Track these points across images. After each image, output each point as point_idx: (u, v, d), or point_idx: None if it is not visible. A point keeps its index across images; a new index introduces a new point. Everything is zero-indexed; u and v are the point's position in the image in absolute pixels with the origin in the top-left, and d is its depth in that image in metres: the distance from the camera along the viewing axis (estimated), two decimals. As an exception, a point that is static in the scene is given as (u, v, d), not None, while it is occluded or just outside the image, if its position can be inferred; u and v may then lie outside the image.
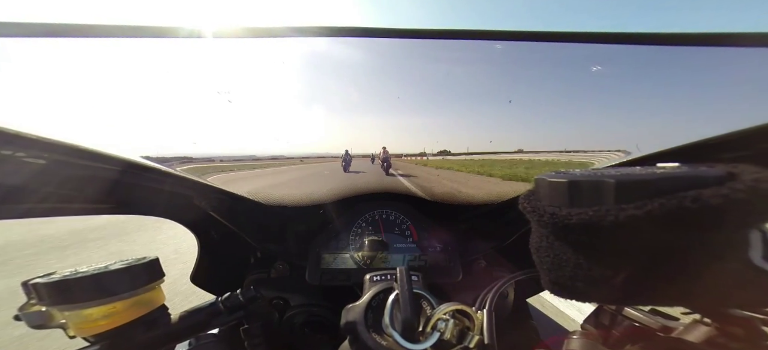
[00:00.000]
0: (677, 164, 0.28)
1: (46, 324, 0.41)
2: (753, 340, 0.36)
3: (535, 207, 0.31)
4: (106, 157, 0.49)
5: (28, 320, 0.41)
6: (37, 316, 0.41)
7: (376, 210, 0.82)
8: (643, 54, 0.49)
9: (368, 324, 0.42)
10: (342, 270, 0.75)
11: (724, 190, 0.22)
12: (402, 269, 0.44)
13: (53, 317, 0.40)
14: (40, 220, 0.63)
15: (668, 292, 0.26)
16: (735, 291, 0.25)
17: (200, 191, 0.67)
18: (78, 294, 0.39)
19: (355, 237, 0.79)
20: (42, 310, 0.41)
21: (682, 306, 0.35)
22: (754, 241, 0.24)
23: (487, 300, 0.45)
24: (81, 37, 0.41)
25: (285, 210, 0.78)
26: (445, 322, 0.39)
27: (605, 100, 0.57)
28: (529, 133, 0.63)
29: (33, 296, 0.40)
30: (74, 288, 0.39)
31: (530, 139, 0.64)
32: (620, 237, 0.25)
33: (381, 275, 0.49)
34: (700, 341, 0.38)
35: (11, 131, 0.38)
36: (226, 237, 0.77)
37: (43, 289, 0.39)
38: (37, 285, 0.39)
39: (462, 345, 0.39)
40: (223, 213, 0.73)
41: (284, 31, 0.47)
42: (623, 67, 0.52)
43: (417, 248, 0.78)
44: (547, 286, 0.33)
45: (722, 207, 0.22)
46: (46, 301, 0.40)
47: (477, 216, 0.80)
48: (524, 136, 0.64)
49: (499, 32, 0.47)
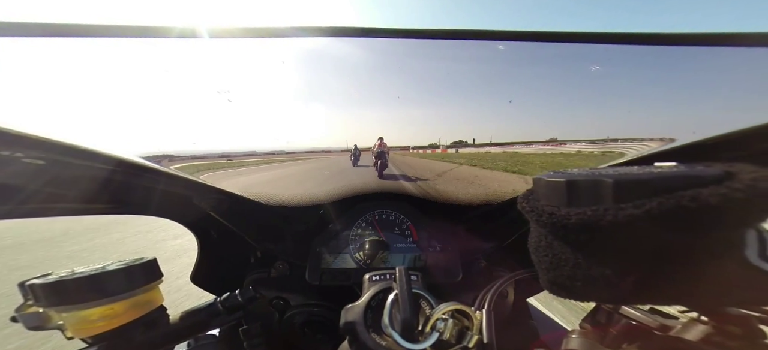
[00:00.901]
0: (675, 164, 0.28)
1: (43, 326, 0.41)
2: (750, 339, 0.36)
3: (534, 206, 0.31)
4: (105, 157, 0.49)
5: (25, 321, 0.41)
6: (35, 318, 0.41)
7: (376, 210, 0.82)
8: (643, 54, 0.49)
9: (367, 324, 0.42)
10: (342, 270, 0.75)
11: (722, 189, 0.22)
12: (401, 269, 0.44)
13: (51, 318, 0.40)
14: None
15: (667, 291, 0.26)
16: (733, 290, 0.25)
17: (200, 191, 0.67)
18: (75, 295, 0.39)
19: (355, 236, 0.79)
20: (39, 312, 0.40)
21: (680, 305, 0.36)
22: (751, 240, 0.24)
23: (486, 299, 0.45)
24: (81, 37, 0.41)
25: (285, 210, 0.78)
26: (444, 322, 0.39)
27: (605, 100, 0.57)
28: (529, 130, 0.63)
29: (30, 297, 0.40)
30: (72, 289, 0.39)
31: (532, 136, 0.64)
32: (619, 236, 0.25)
33: (380, 275, 0.49)
34: (698, 339, 0.38)
35: (11, 131, 0.38)
36: (225, 237, 0.77)
37: (40, 290, 0.39)
38: (33, 287, 0.39)
39: (461, 345, 0.39)
40: (223, 213, 0.73)
41: (284, 31, 0.47)
42: (623, 67, 0.52)
43: (417, 248, 0.78)
44: (545, 286, 0.33)
45: (720, 207, 0.22)
46: (43, 302, 0.39)
47: (477, 216, 0.80)
48: (528, 132, 0.63)
49: (499, 32, 0.47)
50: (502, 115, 0.61)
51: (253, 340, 0.55)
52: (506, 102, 0.58)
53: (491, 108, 0.61)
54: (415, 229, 0.80)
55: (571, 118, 0.61)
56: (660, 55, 0.49)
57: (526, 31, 0.47)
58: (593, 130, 0.61)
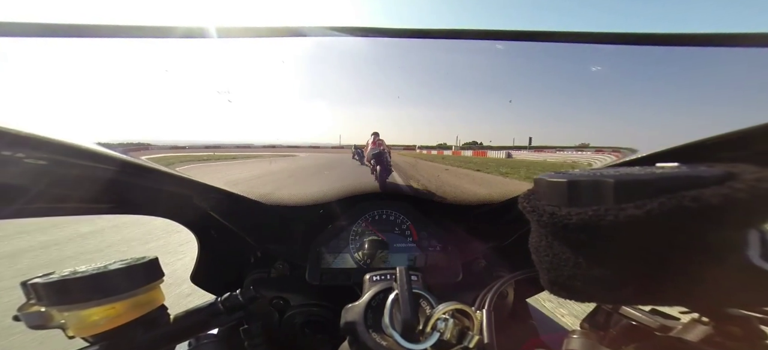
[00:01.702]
0: (676, 164, 0.28)
1: (45, 325, 0.41)
2: (751, 340, 0.36)
3: (535, 206, 0.31)
4: (106, 157, 0.49)
5: (27, 320, 0.41)
6: (36, 317, 0.41)
7: (376, 210, 0.82)
8: (643, 54, 0.49)
9: (368, 324, 0.42)
10: (342, 270, 0.75)
11: (724, 190, 0.22)
12: (401, 269, 0.44)
13: (52, 317, 0.40)
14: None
15: (667, 292, 0.26)
16: (734, 291, 0.25)
17: (200, 191, 0.67)
18: (77, 295, 0.39)
19: (356, 236, 0.79)
20: (41, 311, 0.40)
21: (681, 306, 0.36)
22: (753, 241, 0.24)
23: (487, 299, 0.45)
24: (81, 37, 0.41)
25: (285, 210, 0.78)
26: (444, 322, 0.39)
27: (604, 100, 0.57)
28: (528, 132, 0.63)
29: (32, 296, 0.40)
30: (73, 289, 0.39)
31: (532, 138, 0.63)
32: (619, 236, 0.25)
33: (380, 275, 0.49)
34: (699, 340, 0.38)
35: (11, 131, 0.38)
36: (226, 236, 0.77)
37: (42, 289, 0.39)
38: (36, 286, 0.39)
39: (461, 345, 0.39)
40: (223, 212, 0.73)
41: (284, 31, 0.47)
42: (623, 67, 0.52)
43: (417, 248, 0.78)
44: (546, 286, 0.33)
45: (722, 207, 0.22)
46: (45, 302, 0.39)
47: (477, 216, 0.80)
48: (525, 134, 0.62)
49: (499, 32, 0.47)
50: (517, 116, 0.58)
51: (253, 340, 0.55)
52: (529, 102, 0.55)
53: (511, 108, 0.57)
54: (415, 229, 0.80)
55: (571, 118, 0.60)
56: (660, 55, 0.49)
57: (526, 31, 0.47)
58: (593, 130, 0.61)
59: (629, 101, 0.56)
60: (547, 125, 0.61)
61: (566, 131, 0.63)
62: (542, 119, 0.61)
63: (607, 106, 0.57)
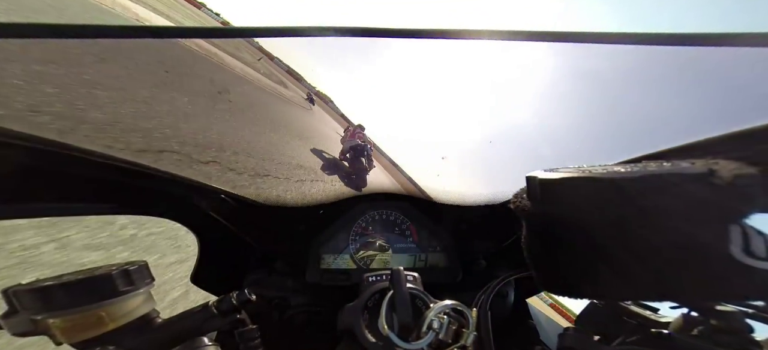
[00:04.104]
0: (662, 162, 0.29)
1: (30, 332, 0.39)
2: (737, 332, 0.37)
3: (525, 206, 0.31)
4: (106, 157, 0.50)
5: (11, 327, 0.39)
6: (21, 323, 0.38)
7: (376, 211, 0.82)
8: (643, 54, 0.49)
9: (365, 324, 0.42)
10: (342, 271, 0.75)
11: (705, 186, 0.23)
12: (397, 269, 0.44)
13: (38, 324, 0.38)
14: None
15: (656, 287, 0.27)
16: (719, 285, 0.26)
17: (200, 191, 0.67)
18: (63, 301, 0.38)
19: (355, 237, 0.79)
20: (26, 318, 0.38)
21: (670, 300, 0.37)
22: (735, 236, 0.24)
23: (483, 298, 0.45)
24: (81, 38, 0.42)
25: (285, 211, 0.78)
26: (440, 321, 0.39)
27: (604, 100, 0.57)
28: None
29: (16, 304, 0.38)
30: (59, 295, 0.38)
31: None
32: (607, 234, 0.26)
33: (378, 275, 0.49)
34: (687, 334, 0.39)
35: (11, 131, 0.39)
36: (225, 237, 0.78)
37: (26, 297, 0.37)
38: (18, 293, 0.38)
39: (458, 344, 0.39)
40: (223, 213, 0.73)
41: (284, 31, 0.47)
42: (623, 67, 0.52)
43: (417, 248, 0.78)
44: (539, 284, 0.34)
45: (704, 202, 0.22)
46: (30, 310, 0.38)
47: (477, 216, 0.80)
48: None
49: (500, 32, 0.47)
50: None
51: (248, 344, 0.54)
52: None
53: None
54: (415, 229, 0.80)
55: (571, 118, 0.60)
56: (660, 55, 0.49)
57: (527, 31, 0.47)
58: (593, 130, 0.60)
59: (629, 101, 0.56)
60: (546, 124, 0.61)
61: (566, 131, 0.62)
62: (541, 119, 0.61)
63: (606, 106, 0.57)
